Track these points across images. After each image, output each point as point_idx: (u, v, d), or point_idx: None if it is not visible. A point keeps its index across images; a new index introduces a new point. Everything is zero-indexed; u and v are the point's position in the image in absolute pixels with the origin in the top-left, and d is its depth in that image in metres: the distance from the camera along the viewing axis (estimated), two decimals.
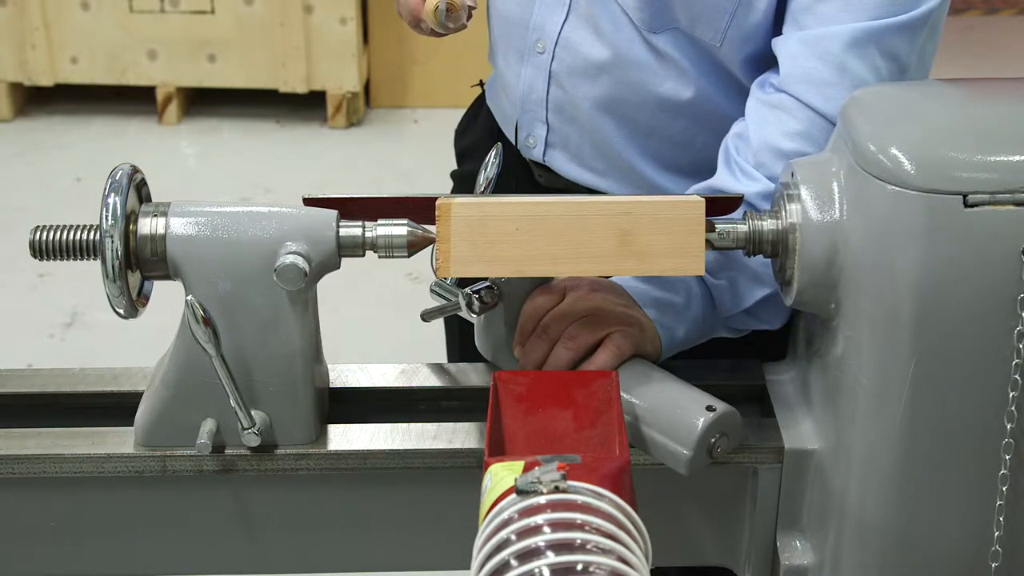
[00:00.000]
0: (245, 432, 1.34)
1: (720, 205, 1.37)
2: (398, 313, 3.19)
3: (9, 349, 3.49)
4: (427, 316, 1.50)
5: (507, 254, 1.29)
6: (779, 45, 1.47)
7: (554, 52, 1.62)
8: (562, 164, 1.69)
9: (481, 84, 1.92)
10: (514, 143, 1.74)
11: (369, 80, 4.90)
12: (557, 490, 1.05)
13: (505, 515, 1.05)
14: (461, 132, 1.97)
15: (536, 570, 0.99)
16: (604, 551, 1.01)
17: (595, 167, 1.67)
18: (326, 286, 1.37)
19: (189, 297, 1.30)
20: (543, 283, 1.45)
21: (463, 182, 1.91)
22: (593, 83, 1.61)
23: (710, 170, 1.53)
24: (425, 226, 1.33)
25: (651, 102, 1.59)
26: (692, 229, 1.29)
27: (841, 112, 1.31)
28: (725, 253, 1.41)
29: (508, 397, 1.29)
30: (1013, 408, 1.21)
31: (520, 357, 1.42)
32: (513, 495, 1.06)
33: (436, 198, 1.30)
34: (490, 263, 1.29)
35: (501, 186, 1.53)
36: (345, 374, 1.51)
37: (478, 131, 1.90)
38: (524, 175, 1.76)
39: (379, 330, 3.52)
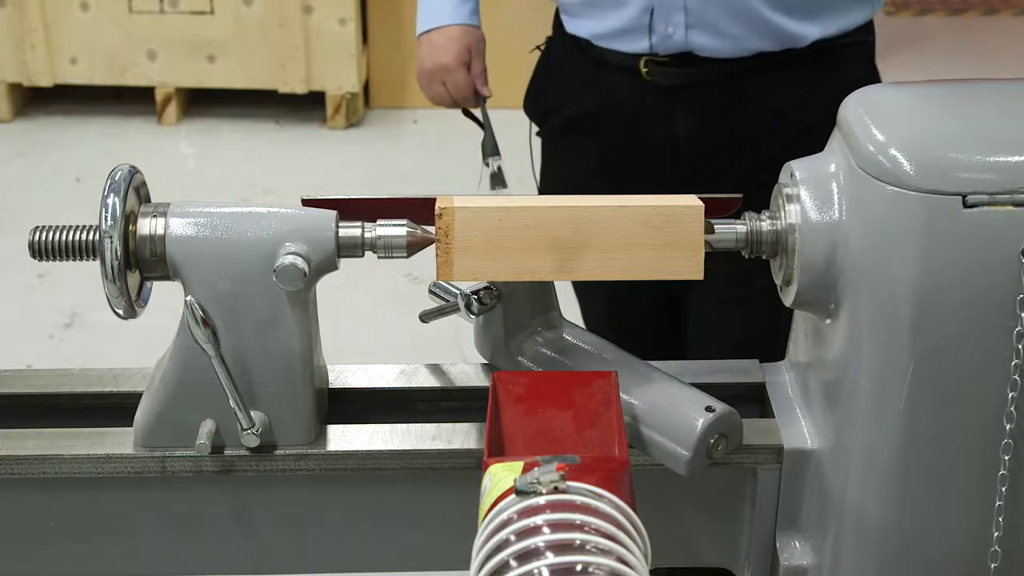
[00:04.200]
0: (244, 433, 1.34)
1: (719, 205, 1.37)
2: (398, 313, 3.19)
3: (9, 349, 3.49)
4: (426, 317, 1.50)
5: (507, 256, 1.29)
6: None
7: None
8: (703, 42, 1.87)
9: (538, 47, 2.10)
10: (641, 49, 1.90)
11: (368, 81, 4.90)
12: (556, 491, 1.05)
13: (504, 515, 1.05)
14: (536, 95, 2.11)
15: (535, 571, 0.99)
16: (603, 552, 1.01)
17: (732, 33, 1.86)
18: (326, 286, 1.37)
19: (188, 298, 1.30)
20: (541, 284, 1.45)
21: (558, 135, 2.07)
22: None
23: (830, 8, 1.83)
24: (424, 227, 1.33)
25: None
26: (691, 231, 1.29)
27: (840, 112, 1.31)
28: None
29: (507, 397, 1.29)
30: (1012, 409, 1.21)
31: None
32: (512, 496, 1.06)
33: (436, 199, 1.30)
34: (490, 265, 1.29)
35: (616, 113, 1.90)
36: (345, 374, 1.51)
37: (560, 79, 2.05)
38: (641, 91, 1.93)
39: (379, 330, 3.52)
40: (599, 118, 2.00)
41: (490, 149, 2.33)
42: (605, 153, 2.01)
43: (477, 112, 2.28)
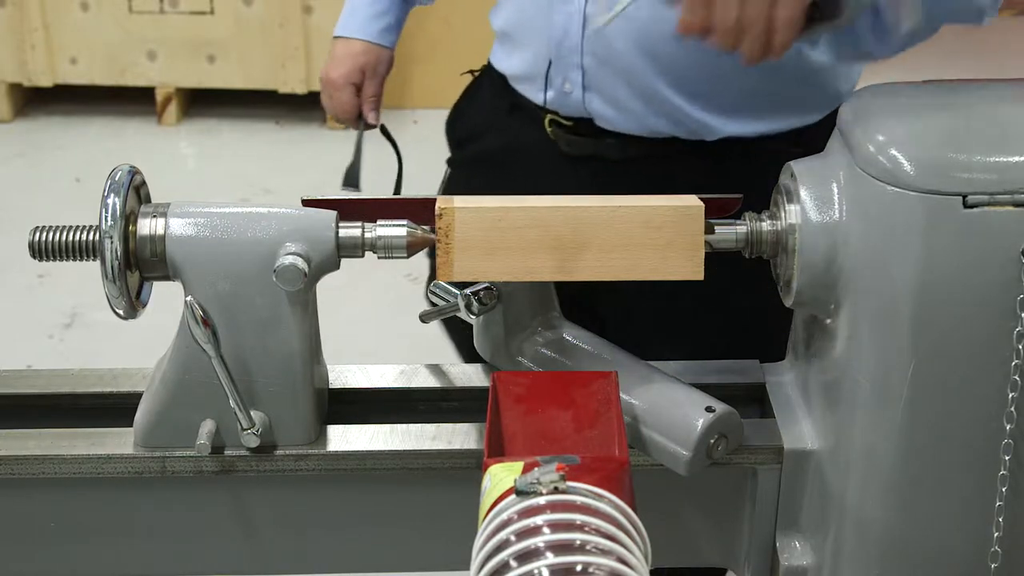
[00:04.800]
0: (244, 433, 1.34)
1: (719, 205, 1.37)
2: (398, 313, 3.19)
3: (9, 349, 3.49)
4: (426, 317, 1.50)
5: (507, 256, 1.29)
6: None
7: None
8: (601, 110, 1.71)
9: (472, 72, 1.94)
10: (541, 101, 1.75)
11: None
12: (556, 491, 1.05)
13: (504, 516, 1.05)
14: (456, 120, 1.98)
15: (535, 571, 0.99)
16: (603, 552, 1.01)
17: (630, 107, 1.69)
18: (326, 286, 1.37)
19: (188, 298, 1.30)
20: (541, 284, 1.45)
21: (466, 166, 1.93)
22: (628, 21, 1.62)
23: (750, 106, 1.61)
24: (425, 227, 1.33)
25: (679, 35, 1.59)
26: (691, 231, 1.29)
27: (840, 113, 1.31)
28: None
29: (507, 398, 1.29)
30: (1013, 409, 1.21)
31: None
32: (512, 496, 1.06)
33: (436, 199, 1.30)
34: (490, 265, 1.29)
35: (521, 162, 1.63)
36: (345, 375, 1.51)
37: (480, 110, 1.90)
38: (546, 150, 1.77)
39: (379, 330, 3.52)
40: (505, 163, 1.85)
41: (350, 180, 2.17)
42: None
43: (384, 135, 2.13)
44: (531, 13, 1.74)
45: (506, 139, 1.84)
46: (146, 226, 1.31)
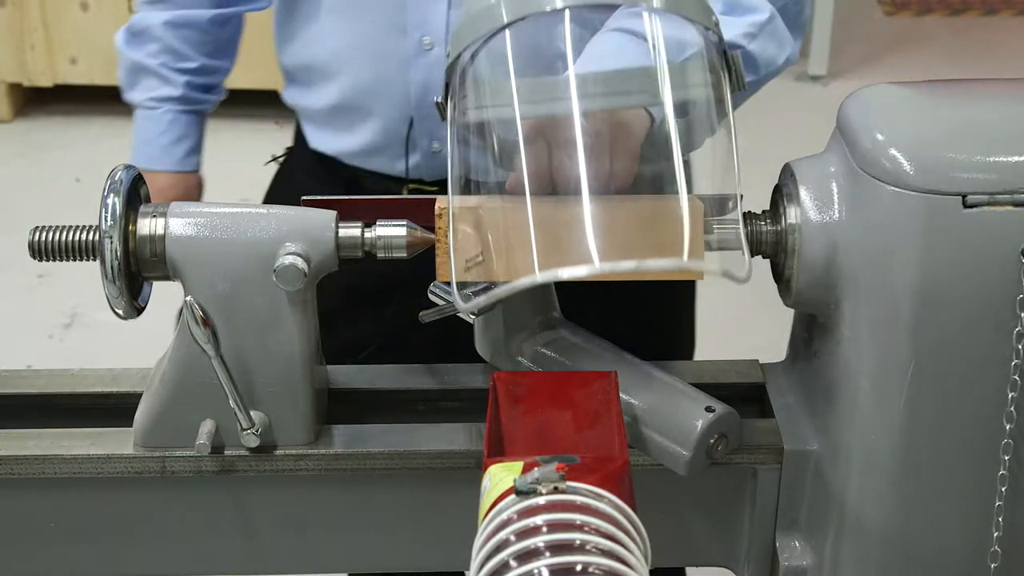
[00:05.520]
0: (244, 433, 1.34)
1: (720, 205, 1.37)
2: None
3: (9, 349, 3.49)
4: (425, 317, 1.50)
5: (507, 257, 1.29)
6: None
7: (447, 42, 1.42)
8: None
9: (276, 159, 1.79)
10: (401, 171, 1.63)
11: None
12: (556, 491, 1.05)
13: (504, 516, 1.05)
14: None
15: (535, 571, 0.99)
16: (603, 552, 1.01)
17: None
18: None
19: (188, 298, 1.30)
20: (542, 284, 1.44)
21: None
22: None
23: None
24: (424, 227, 1.32)
25: None
26: (691, 231, 1.29)
27: (840, 112, 1.31)
28: None
29: (507, 398, 1.29)
30: (1012, 409, 1.21)
31: None
32: (512, 496, 1.06)
33: (435, 199, 1.30)
34: (490, 265, 1.29)
35: None
36: (344, 375, 1.51)
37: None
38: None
39: None
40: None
41: None
42: (353, 291, 1.62)
43: None
44: (374, 82, 1.62)
45: None
46: (146, 226, 1.31)
